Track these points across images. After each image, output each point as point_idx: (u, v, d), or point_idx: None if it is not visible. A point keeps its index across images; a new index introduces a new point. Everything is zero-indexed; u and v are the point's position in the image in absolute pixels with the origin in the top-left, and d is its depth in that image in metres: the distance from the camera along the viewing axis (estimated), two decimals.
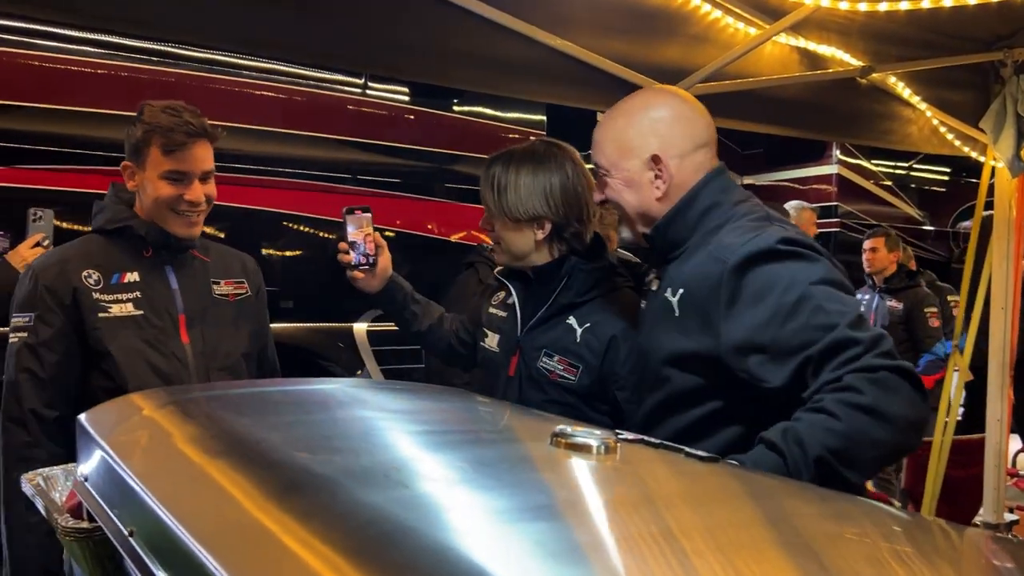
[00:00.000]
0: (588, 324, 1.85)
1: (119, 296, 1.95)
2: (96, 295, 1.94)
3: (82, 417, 1.32)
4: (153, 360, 1.94)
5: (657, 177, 1.59)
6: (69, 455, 1.59)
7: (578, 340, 1.84)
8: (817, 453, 1.31)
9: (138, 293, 1.97)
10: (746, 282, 1.43)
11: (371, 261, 2.00)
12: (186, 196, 1.96)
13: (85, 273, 1.95)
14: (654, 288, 1.67)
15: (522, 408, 1.57)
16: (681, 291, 1.53)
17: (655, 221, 1.62)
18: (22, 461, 1.86)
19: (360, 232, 2.00)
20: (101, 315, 1.93)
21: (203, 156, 1.99)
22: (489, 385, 1.94)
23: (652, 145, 1.58)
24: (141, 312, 1.96)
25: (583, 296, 1.87)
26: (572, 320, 1.86)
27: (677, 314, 1.53)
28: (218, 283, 2.09)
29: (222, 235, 4.58)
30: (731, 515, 0.96)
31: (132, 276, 1.98)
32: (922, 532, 0.99)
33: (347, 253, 2.00)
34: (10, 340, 1.94)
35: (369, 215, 2.01)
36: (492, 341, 1.99)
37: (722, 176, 1.62)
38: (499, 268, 2.07)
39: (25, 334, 1.92)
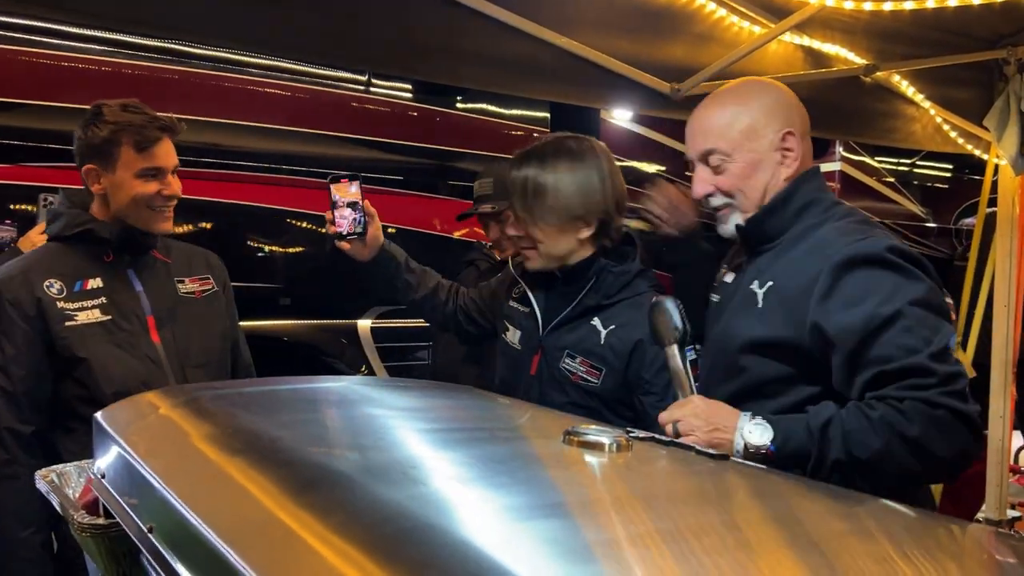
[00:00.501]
0: (613, 326, 1.83)
1: (84, 303, 1.92)
2: (60, 304, 1.90)
3: (99, 415, 1.34)
4: (128, 363, 1.92)
5: (785, 157, 1.56)
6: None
7: (602, 342, 1.82)
8: (838, 457, 1.36)
9: (103, 298, 1.94)
10: (845, 282, 1.42)
11: (359, 231, 1.94)
12: (164, 192, 1.95)
13: (47, 283, 1.91)
14: (728, 280, 1.66)
15: (534, 406, 1.58)
16: (770, 283, 1.51)
17: None
18: (3, 479, 1.86)
19: (348, 199, 1.94)
20: (68, 324, 1.90)
21: (172, 150, 1.98)
22: (510, 381, 1.92)
23: (781, 123, 1.56)
24: (109, 317, 1.93)
25: (611, 298, 1.85)
26: (597, 322, 1.85)
27: (760, 305, 1.52)
28: (183, 281, 2.07)
29: (224, 232, 4.61)
30: (739, 514, 0.98)
31: (95, 282, 1.95)
32: (925, 528, 1.00)
33: (332, 223, 1.94)
34: None
35: (357, 182, 1.95)
36: (513, 336, 1.96)
37: (820, 176, 1.61)
38: (518, 263, 2.05)
39: None
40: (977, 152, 4.00)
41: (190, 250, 2.16)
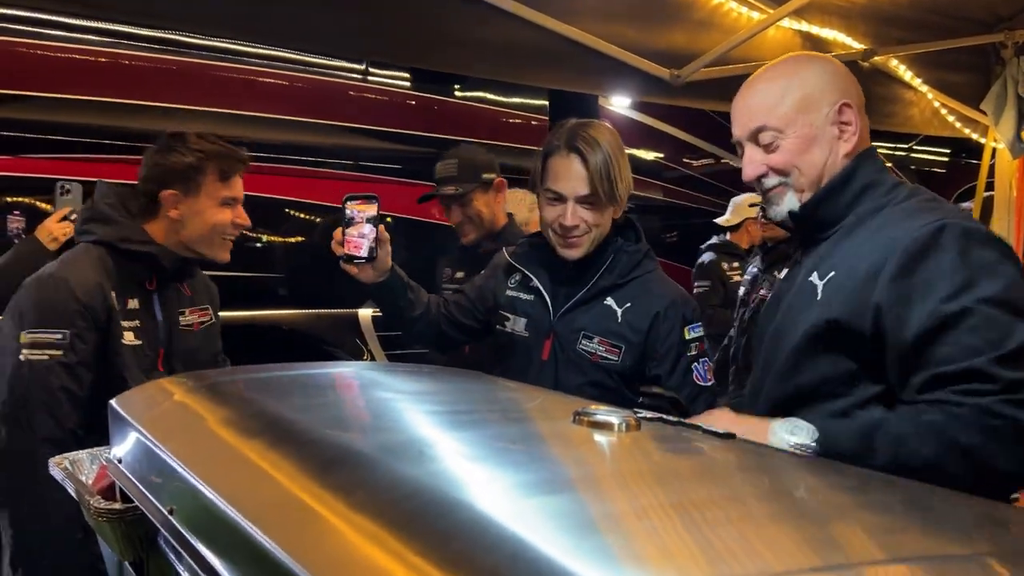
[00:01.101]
0: (629, 304, 1.87)
1: (125, 323, 1.92)
2: (122, 320, 1.90)
3: (114, 401, 1.36)
4: None
5: (843, 131, 1.44)
6: None
7: (619, 320, 1.86)
8: (886, 462, 1.26)
9: (138, 322, 1.94)
10: (911, 270, 1.29)
11: (372, 256, 1.79)
12: (237, 221, 1.99)
13: (113, 293, 1.90)
14: (782, 276, 1.57)
15: (541, 389, 1.60)
16: (831, 274, 1.39)
17: None
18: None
19: (365, 220, 1.78)
20: (123, 341, 1.90)
21: (242, 185, 2.03)
22: (516, 369, 1.92)
23: (836, 94, 1.44)
24: (140, 342, 1.94)
25: (625, 277, 1.89)
26: (611, 301, 1.88)
27: (820, 297, 1.39)
28: (183, 312, 2.07)
29: None
30: (742, 488, 1.00)
31: (133, 303, 1.95)
32: (930, 501, 1.02)
33: (342, 244, 1.80)
34: (33, 356, 1.83)
35: (375, 204, 1.79)
36: (517, 324, 1.96)
37: (877, 157, 1.49)
38: (512, 252, 2.06)
39: (60, 352, 1.83)
40: (974, 136, 4.03)
41: (201, 279, 2.18)
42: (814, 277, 1.41)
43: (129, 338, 1.92)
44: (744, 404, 1.54)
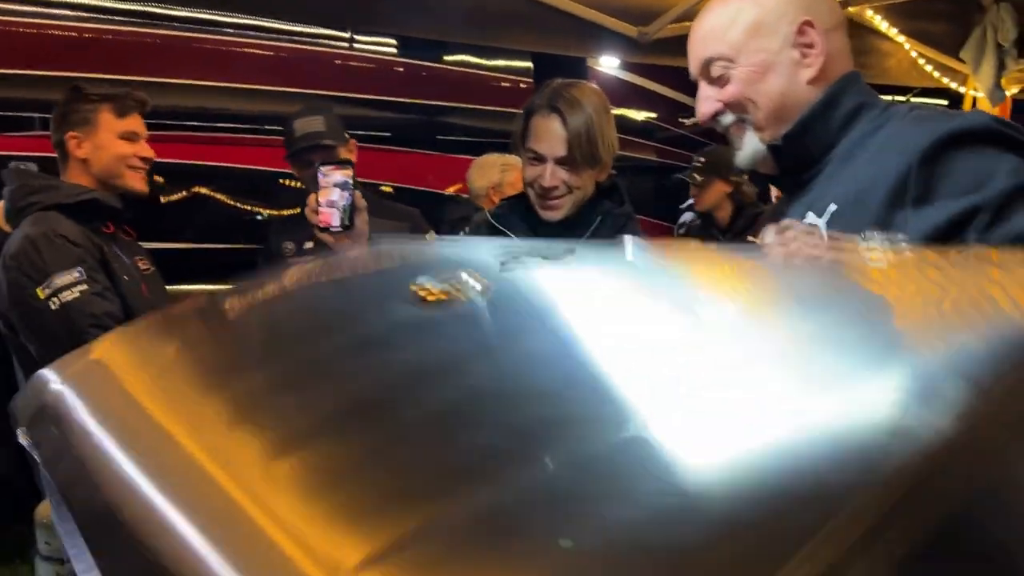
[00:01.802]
0: None
1: (113, 264, 1.99)
2: (112, 261, 1.98)
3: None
4: None
5: (805, 55, 1.26)
6: None
7: None
8: None
9: (117, 264, 2.01)
10: (947, 169, 1.10)
11: (346, 223, 1.70)
12: (141, 153, 2.08)
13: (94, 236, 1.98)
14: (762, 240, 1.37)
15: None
16: (833, 208, 1.20)
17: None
18: None
19: (338, 187, 1.72)
20: (124, 277, 1.98)
21: (143, 124, 2.12)
22: None
23: (797, 12, 1.26)
24: (128, 278, 2.02)
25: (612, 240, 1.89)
26: None
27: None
28: (140, 256, 2.15)
29: (207, 194, 4.65)
30: None
31: (107, 248, 2.01)
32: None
33: (316, 212, 1.72)
34: (64, 298, 1.86)
35: (350, 170, 1.73)
36: None
37: (863, 80, 1.31)
38: (494, 214, 2.02)
39: (85, 286, 1.87)
40: (953, 85, 3.98)
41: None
42: (810, 218, 1.22)
43: (122, 275, 2.00)
44: None
